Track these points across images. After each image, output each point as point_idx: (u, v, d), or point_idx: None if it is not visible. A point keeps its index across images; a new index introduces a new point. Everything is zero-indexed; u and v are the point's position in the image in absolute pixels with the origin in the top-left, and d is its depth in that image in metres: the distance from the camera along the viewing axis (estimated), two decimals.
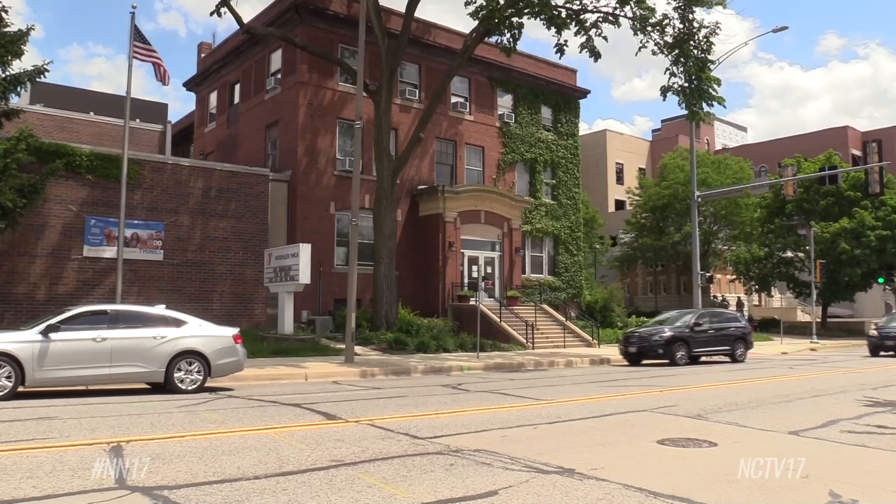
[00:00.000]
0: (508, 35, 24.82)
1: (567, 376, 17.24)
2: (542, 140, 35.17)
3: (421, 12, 26.41)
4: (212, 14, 24.90)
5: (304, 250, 21.51)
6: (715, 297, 53.46)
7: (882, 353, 25.55)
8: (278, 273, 22.44)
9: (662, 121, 69.81)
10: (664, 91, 24.63)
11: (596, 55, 24.69)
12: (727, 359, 22.55)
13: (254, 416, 9.56)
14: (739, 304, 50.45)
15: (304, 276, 21.34)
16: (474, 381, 15.67)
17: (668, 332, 21.36)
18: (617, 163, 66.08)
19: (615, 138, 67.74)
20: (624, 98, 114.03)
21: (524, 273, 32.80)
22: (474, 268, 29.96)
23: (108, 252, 21.61)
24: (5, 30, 18.72)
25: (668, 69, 24.42)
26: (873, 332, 26.99)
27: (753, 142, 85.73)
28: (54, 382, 11.77)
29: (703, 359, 22.48)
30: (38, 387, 11.70)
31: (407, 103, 30.06)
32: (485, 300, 27.25)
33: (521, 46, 26.04)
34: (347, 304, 19.22)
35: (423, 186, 30.01)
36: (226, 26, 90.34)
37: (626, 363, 21.57)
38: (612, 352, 23.61)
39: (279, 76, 28.96)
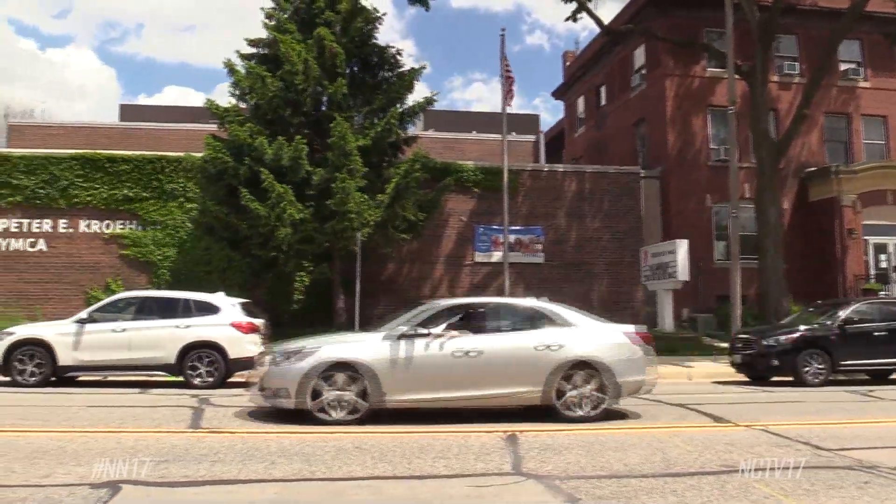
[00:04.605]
0: None
1: None
2: None
3: None
4: (567, 20, 25.61)
5: (681, 246, 20.96)
6: None
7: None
8: (655, 271, 22.20)
9: None
10: None
11: None
12: None
13: (636, 414, 9.53)
14: None
15: (683, 272, 20.78)
16: (891, 386, 13.56)
17: None
18: None
19: None
20: None
21: None
22: (882, 257, 25.98)
23: (495, 257, 23.57)
24: (399, 70, 21.70)
25: None
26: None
27: None
28: None
29: None
30: None
31: (786, 79, 27.36)
32: None
33: None
34: (731, 300, 18.19)
35: (811, 169, 26.97)
36: (586, 34, 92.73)
37: None
38: None
39: (643, 72, 28.65)
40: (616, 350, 9.11)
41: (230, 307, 13.07)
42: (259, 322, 13.24)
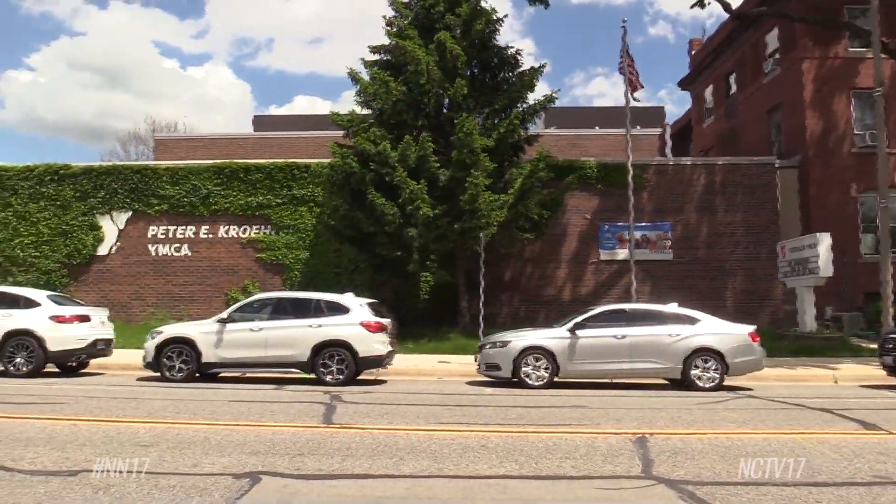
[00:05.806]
0: None
1: None
2: None
3: None
4: (693, 6, 24.13)
5: (823, 240, 19.62)
6: None
7: None
8: (794, 266, 20.92)
9: None
10: None
11: None
12: None
13: (776, 419, 9.01)
14: None
15: (825, 268, 19.45)
16: None
17: None
18: None
19: None
20: None
21: None
22: None
23: (621, 254, 22.98)
24: (519, 70, 21.59)
25: None
26: None
27: None
28: (581, 374, 12.99)
29: None
30: (568, 378, 13.02)
31: None
32: None
33: None
34: (881, 297, 16.84)
35: None
36: (713, 20, 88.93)
37: None
38: None
39: (776, 56, 27.06)
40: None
41: (359, 307, 13.42)
42: (386, 321, 13.53)
